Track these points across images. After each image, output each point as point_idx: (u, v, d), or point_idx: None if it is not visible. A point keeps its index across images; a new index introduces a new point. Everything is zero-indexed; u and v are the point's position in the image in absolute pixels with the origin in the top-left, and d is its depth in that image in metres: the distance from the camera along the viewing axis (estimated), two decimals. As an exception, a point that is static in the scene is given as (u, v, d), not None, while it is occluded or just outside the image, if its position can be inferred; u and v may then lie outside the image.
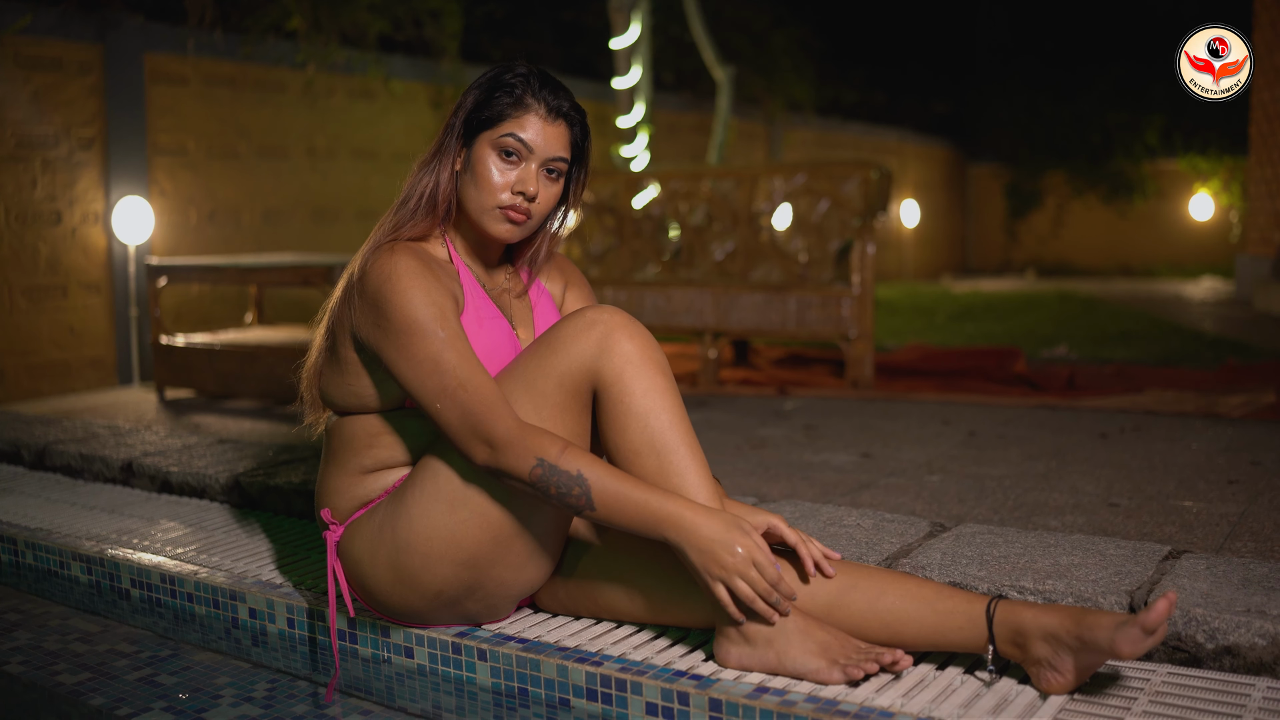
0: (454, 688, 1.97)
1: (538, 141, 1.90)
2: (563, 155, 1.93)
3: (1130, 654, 1.56)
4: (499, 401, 1.77)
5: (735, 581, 1.68)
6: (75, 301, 6.12)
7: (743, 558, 1.67)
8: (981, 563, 2.07)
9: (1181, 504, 2.95)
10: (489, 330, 1.93)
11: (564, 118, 1.93)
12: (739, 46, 11.73)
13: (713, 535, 1.69)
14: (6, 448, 3.62)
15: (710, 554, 1.68)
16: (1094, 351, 6.78)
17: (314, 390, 2.02)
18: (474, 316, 1.92)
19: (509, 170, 1.91)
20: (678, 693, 1.75)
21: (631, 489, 1.72)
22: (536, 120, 1.90)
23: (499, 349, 1.93)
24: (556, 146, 1.92)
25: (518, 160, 1.91)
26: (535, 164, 1.91)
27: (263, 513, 2.91)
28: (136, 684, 2.05)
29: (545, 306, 2.10)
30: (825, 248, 5.92)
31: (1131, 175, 16.07)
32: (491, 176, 1.90)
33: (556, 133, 1.92)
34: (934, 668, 1.81)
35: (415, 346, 1.79)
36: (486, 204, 1.91)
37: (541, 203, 1.93)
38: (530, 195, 1.90)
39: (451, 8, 8.15)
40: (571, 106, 1.95)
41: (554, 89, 1.94)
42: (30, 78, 5.84)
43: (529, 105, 1.90)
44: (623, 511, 1.71)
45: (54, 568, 2.68)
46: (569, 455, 1.73)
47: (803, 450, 3.85)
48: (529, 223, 1.94)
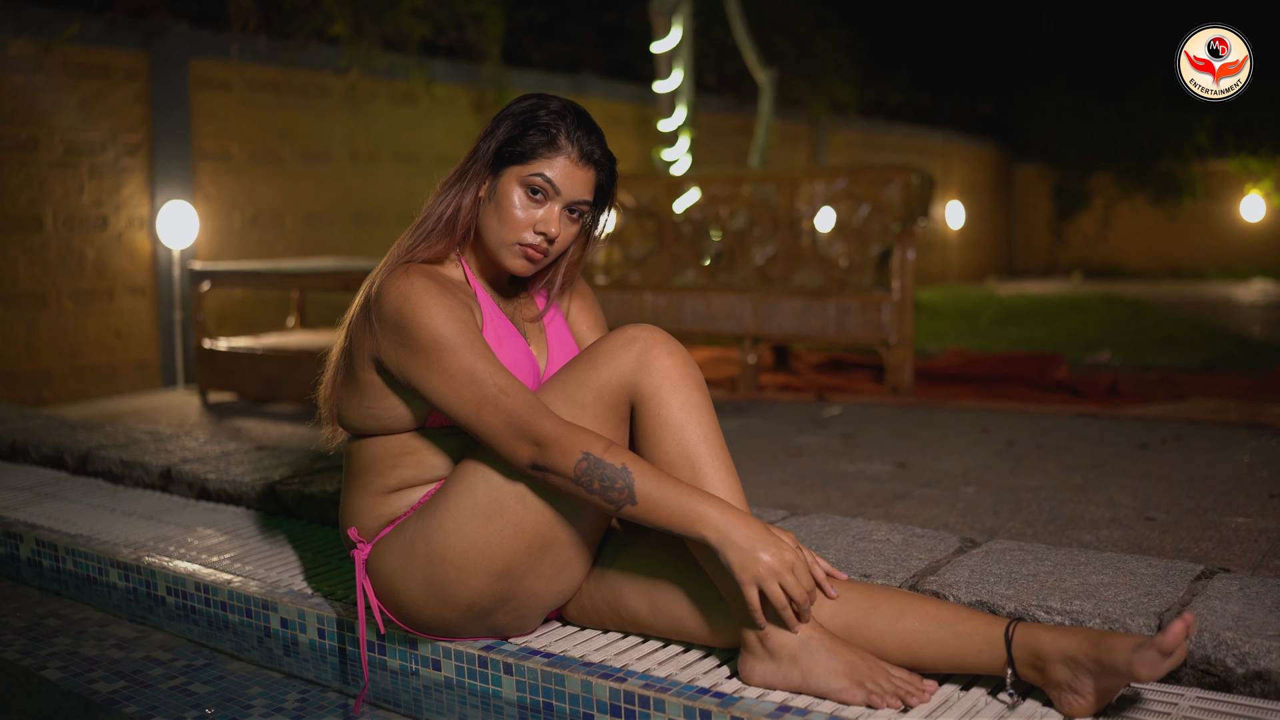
0: (480, 701, 1.98)
1: (565, 184, 1.92)
2: (587, 199, 1.96)
3: (1148, 676, 1.55)
4: (540, 402, 1.80)
5: (771, 584, 1.67)
6: (121, 305, 6.20)
7: (784, 560, 1.67)
8: (1009, 581, 2.06)
9: (1221, 519, 2.92)
10: (509, 349, 1.95)
11: (594, 164, 1.95)
12: (782, 49, 11.69)
13: (753, 535, 1.69)
14: (50, 453, 3.68)
15: (750, 553, 1.68)
16: (1137, 357, 6.71)
17: (331, 407, 2.04)
18: (493, 335, 1.94)
19: (534, 209, 1.92)
20: (700, 710, 1.76)
21: (674, 486, 1.73)
22: (567, 163, 1.91)
23: (519, 367, 1.95)
24: (583, 190, 1.94)
25: (543, 199, 1.92)
26: (560, 205, 1.93)
27: (297, 520, 2.94)
28: (170, 692, 2.08)
29: (557, 325, 2.11)
30: (866, 252, 5.89)
31: (1180, 176, 15.88)
32: (515, 213, 1.91)
33: (585, 177, 1.94)
34: (958, 688, 1.80)
35: (447, 361, 1.81)
36: (507, 239, 1.93)
37: (560, 243, 1.95)
38: (551, 237, 1.93)
39: (494, 12, 8.19)
40: (603, 154, 1.96)
41: (588, 131, 1.95)
42: (78, 85, 5.94)
43: (562, 147, 1.91)
44: (664, 506, 1.72)
45: (93, 574, 2.72)
46: (614, 451, 1.75)
47: (839, 459, 3.84)
48: (544, 261, 1.96)
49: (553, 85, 9.32)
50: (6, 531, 2.96)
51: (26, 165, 5.75)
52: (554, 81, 9.37)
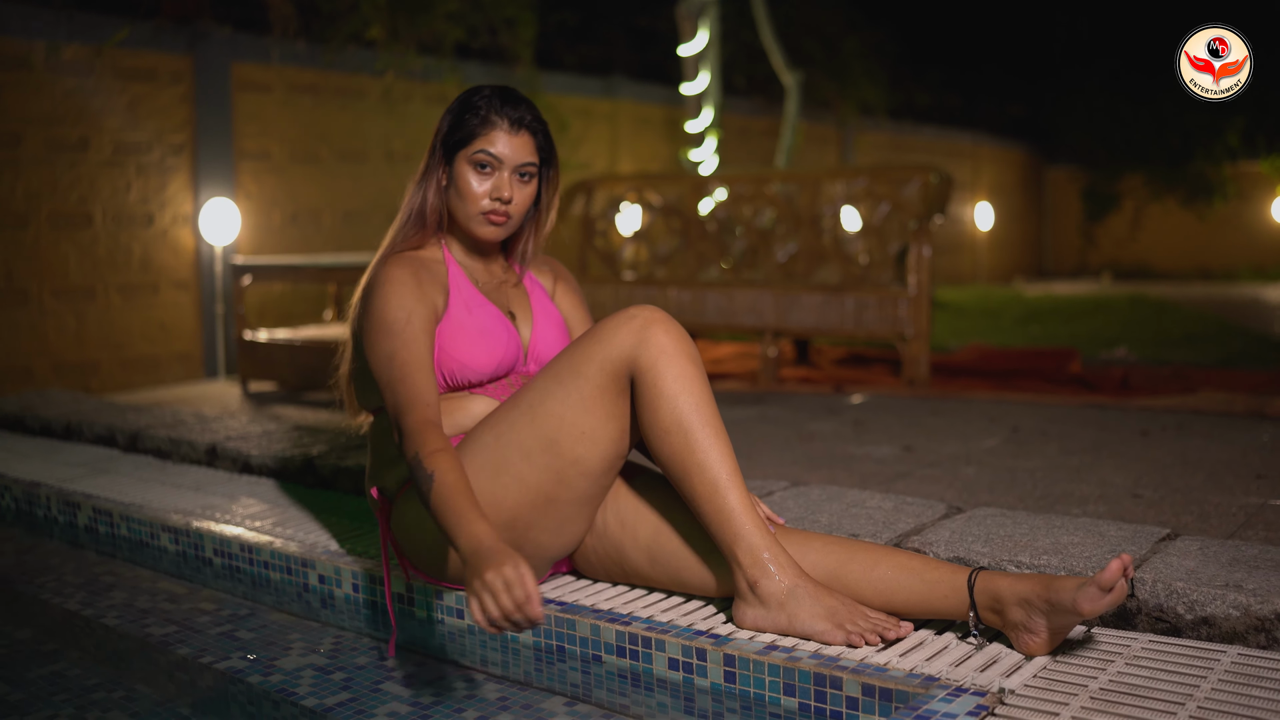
0: (499, 644, 2.17)
1: (506, 152, 2.20)
2: (531, 160, 2.23)
3: (1090, 611, 1.72)
4: (418, 401, 2.02)
5: (485, 597, 1.70)
6: (165, 299, 6.45)
7: (499, 581, 1.69)
8: (986, 540, 2.23)
9: (1205, 497, 3.07)
10: (478, 315, 2.23)
11: (526, 128, 2.22)
12: (810, 51, 11.84)
13: (482, 554, 1.74)
14: (103, 433, 3.91)
15: (474, 569, 1.74)
16: (1155, 353, 6.83)
17: (350, 393, 2.36)
18: (462, 304, 2.23)
19: (485, 181, 2.21)
20: (696, 649, 1.94)
21: (454, 503, 1.84)
22: (503, 135, 2.20)
23: (491, 328, 2.23)
24: (524, 154, 2.21)
25: (491, 171, 2.21)
26: (507, 172, 2.21)
27: (333, 492, 3.15)
28: (218, 637, 2.28)
29: (539, 295, 2.40)
30: (885, 250, 6.05)
31: (1212, 177, 15.89)
32: (471, 188, 2.21)
33: (522, 142, 2.21)
34: (933, 632, 1.98)
35: (381, 342, 2.10)
36: (471, 212, 2.22)
37: (517, 203, 2.23)
38: (506, 199, 2.21)
39: (526, 16, 8.39)
40: (533, 118, 2.23)
41: (515, 103, 2.22)
42: (127, 87, 6.19)
43: (494, 123, 2.20)
44: (442, 516, 1.85)
45: (145, 538, 2.94)
46: (435, 458, 1.90)
47: (848, 443, 4.01)
48: (509, 222, 2.24)
49: (584, 88, 9.52)
50: (65, 501, 3.19)
51: (78, 165, 6.01)
52: (585, 84, 9.57)
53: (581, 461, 2.05)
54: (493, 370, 2.23)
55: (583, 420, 2.04)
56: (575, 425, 2.04)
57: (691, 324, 6.40)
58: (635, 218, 7.25)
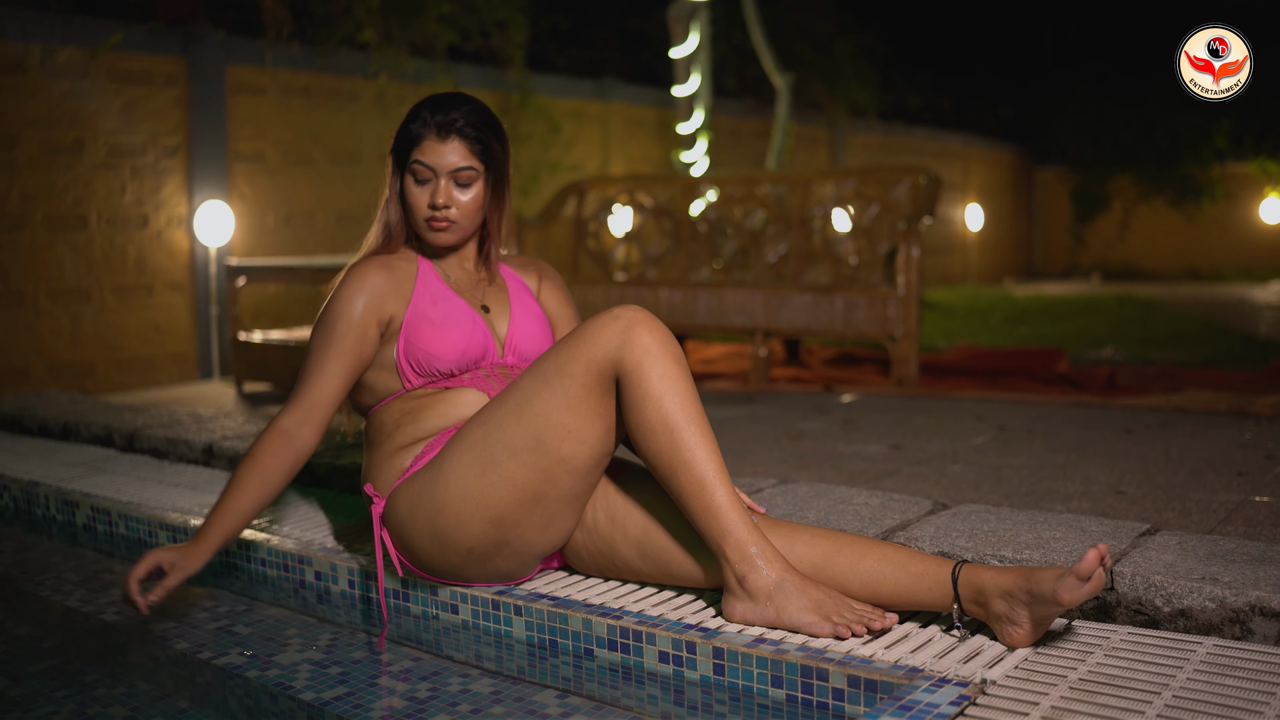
0: (493, 639, 2.22)
1: (436, 160, 2.25)
2: (465, 165, 2.26)
3: (1070, 600, 1.76)
4: (311, 391, 2.23)
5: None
6: (160, 300, 6.49)
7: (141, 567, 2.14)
8: (970, 535, 2.28)
9: (1187, 493, 3.12)
10: (443, 307, 2.30)
11: (456, 133, 2.25)
12: (801, 53, 11.91)
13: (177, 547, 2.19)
14: (100, 432, 3.94)
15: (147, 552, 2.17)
16: (1141, 353, 6.89)
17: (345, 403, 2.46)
18: (428, 300, 2.30)
19: (424, 191, 2.28)
20: (686, 642, 1.99)
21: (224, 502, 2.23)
22: (432, 143, 2.25)
23: (456, 319, 2.29)
24: (455, 159, 2.25)
25: (428, 180, 2.27)
26: (443, 179, 2.26)
27: (329, 490, 3.19)
28: (215, 632, 2.32)
29: (520, 292, 2.45)
30: (875, 250, 6.11)
31: (1200, 179, 15.99)
32: (413, 199, 2.29)
33: (452, 147, 2.25)
34: (918, 625, 2.03)
35: (316, 335, 2.28)
36: (418, 221, 2.30)
37: (459, 208, 2.28)
38: (440, 205, 2.26)
39: (518, 19, 8.44)
40: (466, 122, 2.26)
41: (447, 109, 2.26)
42: (121, 90, 6.22)
43: (423, 134, 2.26)
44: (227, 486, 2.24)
45: (144, 536, 2.98)
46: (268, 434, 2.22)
47: (837, 442, 4.06)
48: (456, 227, 2.30)
49: (576, 90, 9.57)
50: (64, 500, 3.22)
51: (73, 167, 6.04)
52: (577, 86, 9.62)
53: (568, 460, 2.09)
54: (459, 357, 2.28)
55: (569, 419, 2.07)
56: (561, 424, 2.07)
57: (682, 324, 6.46)
58: (627, 219, 7.30)
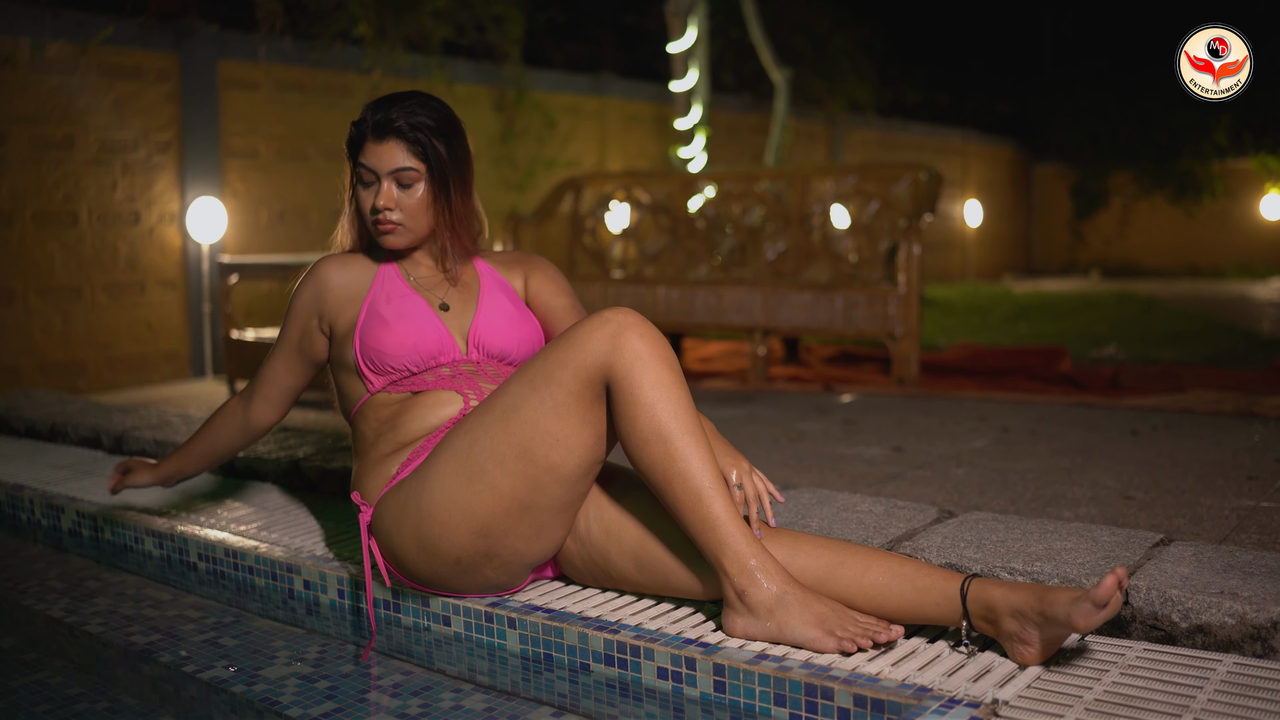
0: (486, 653, 2.15)
1: (375, 163, 2.19)
2: (405, 165, 2.19)
3: (1085, 626, 1.69)
4: (253, 388, 2.44)
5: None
6: (152, 298, 6.41)
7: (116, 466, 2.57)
8: (978, 546, 2.21)
9: (1197, 499, 3.05)
10: (396, 304, 2.27)
11: (392, 133, 2.18)
12: (800, 49, 11.84)
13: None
14: (88, 434, 3.87)
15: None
16: (1143, 351, 6.83)
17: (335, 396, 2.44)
18: (382, 298, 2.28)
19: (369, 194, 2.23)
20: (685, 658, 1.92)
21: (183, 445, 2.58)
22: (371, 144, 2.19)
23: (408, 314, 2.26)
24: (392, 160, 2.19)
25: (371, 183, 2.22)
26: (384, 181, 2.20)
27: (319, 495, 3.12)
28: (202, 645, 2.25)
29: (491, 290, 2.36)
30: (875, 248, 6.04)
31: (1200, 175, 15.94)
32: (360, 202, 2.26)
33: (389, 147, 2.18)
34: (925, 641, 1.96)
35: (283, 325, 2.39)
36: (368, 224, 2.25)
37: (402, 209, 2.23)
38: (380, 208, 2.20)
39: (514, 13, 8.37)
40: (405, 121, 2.18)
41: (387, 109, 2.19)
42: (112, 85, 6.14)
43: (363, 134, 2.20)
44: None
45: (130, 542, 2.91)
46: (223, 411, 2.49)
47: (838, 443, 4.00)
48: (402, 229, 2.24)
49: (572, 85, 9.49)
50: (49, 504, 3.15)
51: (63, 163, 5.97)
52: (574, 81, 9.54)
53: (557, 468, 2.01)
54: (410, 353, 2.21)
55: (557, 427, 1.99)
56: (550, 432, 1.99)
57: (680, 322, 6.39)
58: (624, 215, 7.23)
